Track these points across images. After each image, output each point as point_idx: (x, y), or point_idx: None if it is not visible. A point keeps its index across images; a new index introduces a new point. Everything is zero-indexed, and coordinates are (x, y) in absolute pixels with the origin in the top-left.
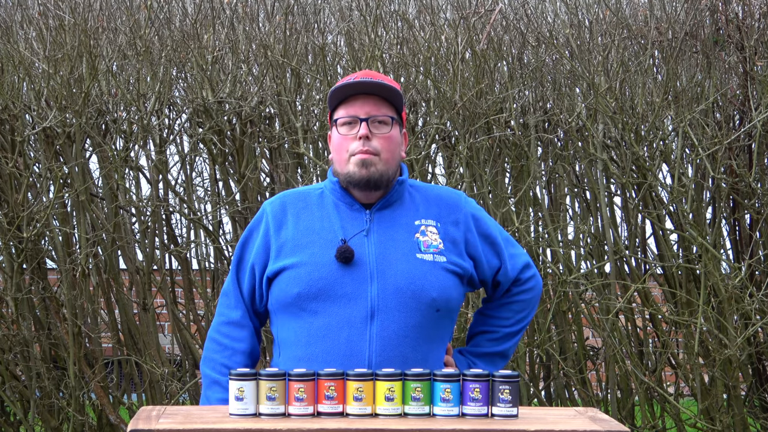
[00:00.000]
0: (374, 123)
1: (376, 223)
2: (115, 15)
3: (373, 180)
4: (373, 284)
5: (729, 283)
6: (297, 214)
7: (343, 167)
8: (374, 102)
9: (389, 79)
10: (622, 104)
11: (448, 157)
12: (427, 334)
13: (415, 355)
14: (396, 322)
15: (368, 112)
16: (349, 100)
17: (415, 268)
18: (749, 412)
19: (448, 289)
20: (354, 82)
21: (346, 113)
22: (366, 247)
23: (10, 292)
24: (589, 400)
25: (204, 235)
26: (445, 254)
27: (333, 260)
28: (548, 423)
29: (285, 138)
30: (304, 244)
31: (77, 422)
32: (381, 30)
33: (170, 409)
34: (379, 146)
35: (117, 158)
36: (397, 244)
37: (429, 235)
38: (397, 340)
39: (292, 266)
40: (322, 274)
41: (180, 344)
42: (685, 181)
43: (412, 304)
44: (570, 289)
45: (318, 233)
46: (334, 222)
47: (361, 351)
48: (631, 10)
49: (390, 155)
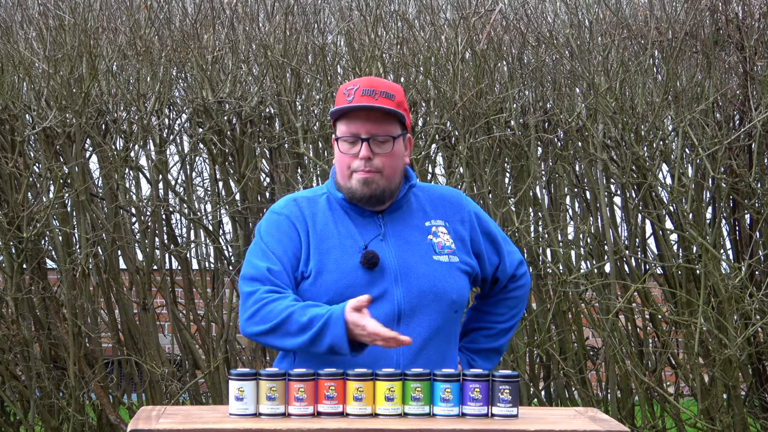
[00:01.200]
0: (375, 142)
1: (390, 227)
2: (115, 15)
3: (376, 196)
4: (398, 288)
5: (729, 283)
6: (314, 219)
7: (346, 182)
8: (376, 119)
9: (392, 85)
10: (622, 104)
11: (448, 157)
12: (447, 334)
13: (438, 356)
14: (421, 324)
15: (369, 131)
16: (351, 115)
17: (435, 270)
18: (749, 412)
19: (463, 290)
20: (355, 105)
21: (348, 131)
22: (386, 252)
23: (10, 292)
24: (589, 400)
25: (204, 235)
26: (458, 254)
27: (358, 266)
28: (548, 423)
29: (285, 138)
30: (324, 250)
31: (77, 422)
32: (381, 30)
33: (170, 409)
34: (381, 164)
35: (117, 158)
36: (413, 247)
37: (441, 236)
38: (423, 342)
39: (318, 273)
40: (349, 282)
41: (180, 344)
42: (685, 181)
43: (435, 306)
44: (570, 289)
45: (337, 239)
46: (350, 227)
47: (389, 354)
48: (631, 10)
49: (392, 171)
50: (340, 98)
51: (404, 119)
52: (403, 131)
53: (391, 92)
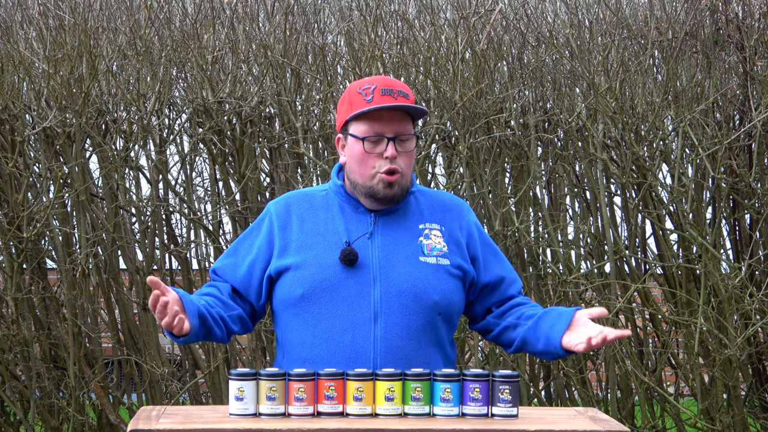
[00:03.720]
0: (399, 141)
1: (381, 226)
2: (115, 15)
3: (396, 198)
4: (376, 287)
5: (729, 283)
6: (301, 216)
7: (367, 181)
8: (398, 118)
9: (403, 84)
10: (622, 104)
11: (448, 157)
12: (429, 337)
13: (418, 358)
14: (399, 324)
15: (395, 130)
16: (373, 115)
17: (418, 270)
18: (749, 412)
19: (450, 293)
20: (387, 106)
21: (372, 130)
22: (369, 250)
23: (10, 292)
24: (589, 400)
25: (204, 235)
26: (449, 257)
27: (337, 262)
28: (548, 423)
29: (285, 138)
30: (308, 246)
31: (77, 422)
32: (381, 30)
33: (170, 409)
34: (403, 163)
35: (117, 158)
36: (401, 247)
37: (433, 239)
38: (401, 342)
39: (296, 267)
40: (325, 276)
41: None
42: (685, 181)
43: (414, 306)
44: (570, 289)
45: (322, 235)
46: (338, 224)
47: (365, 353)
48: (631, 10)
49: (410, 170)
50: (357, 99)
51: (421, 117)
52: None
53: (405, 91)
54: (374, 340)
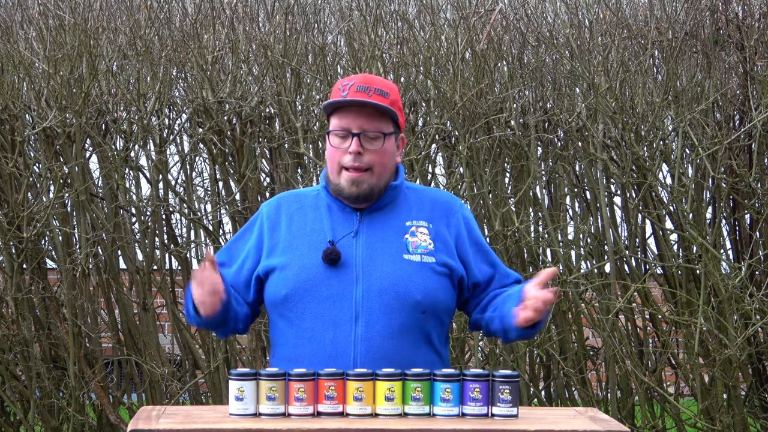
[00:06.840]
0: (366, 138)
1: (366, 225)
2: (115, 15)
3: (363, 196)
4: (358, 286)
5: (729, 283)
6: (290, 216)
7: (334, 178)
8: (368, 115)
9: (387, 84)
10: (622, 104)
11: (448, 157)
12: (414, 336)
13: (401, 357)
14: (380, 323)
15: (361, 126)
16: (344, 110)
17: (401, 269)
18: (749, 412)
19: (434, 291)
20: (347, 100)
21: (339, 125)
22: (354, 249)
23: (10, 292)
24: (589, 400)
25: (204, 235)
26: (435, 254)
27: (320, 262)
28: (548, 423)
29: (285, 138)
30: (294, 246)
31: (77, 422)
32: (381, 30)
33: (170, 409)
34: (371, 160)
35: (117, 158)
36: (385, 246)
37: (419, 236)
38: (381, 341)
39: (281, 267)
40: (308, 276)
41: (180, 344)
42: (685, 181)
43: (395, 305)
44: (570, 289)
45: (308, 235)
46: (324, 223)
47: (346, 352)
48: (631, 10)
49: (382, 168)
50: (335, 93)
51: (397, 118)
52: (395, 130)
53: (386, 90)
54: (355, 339)
